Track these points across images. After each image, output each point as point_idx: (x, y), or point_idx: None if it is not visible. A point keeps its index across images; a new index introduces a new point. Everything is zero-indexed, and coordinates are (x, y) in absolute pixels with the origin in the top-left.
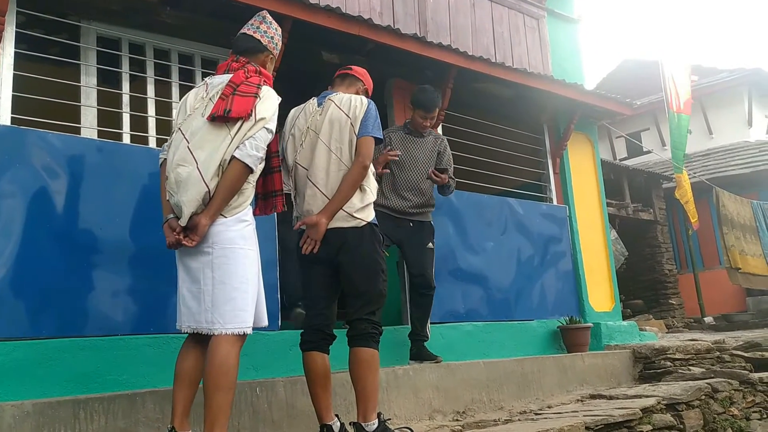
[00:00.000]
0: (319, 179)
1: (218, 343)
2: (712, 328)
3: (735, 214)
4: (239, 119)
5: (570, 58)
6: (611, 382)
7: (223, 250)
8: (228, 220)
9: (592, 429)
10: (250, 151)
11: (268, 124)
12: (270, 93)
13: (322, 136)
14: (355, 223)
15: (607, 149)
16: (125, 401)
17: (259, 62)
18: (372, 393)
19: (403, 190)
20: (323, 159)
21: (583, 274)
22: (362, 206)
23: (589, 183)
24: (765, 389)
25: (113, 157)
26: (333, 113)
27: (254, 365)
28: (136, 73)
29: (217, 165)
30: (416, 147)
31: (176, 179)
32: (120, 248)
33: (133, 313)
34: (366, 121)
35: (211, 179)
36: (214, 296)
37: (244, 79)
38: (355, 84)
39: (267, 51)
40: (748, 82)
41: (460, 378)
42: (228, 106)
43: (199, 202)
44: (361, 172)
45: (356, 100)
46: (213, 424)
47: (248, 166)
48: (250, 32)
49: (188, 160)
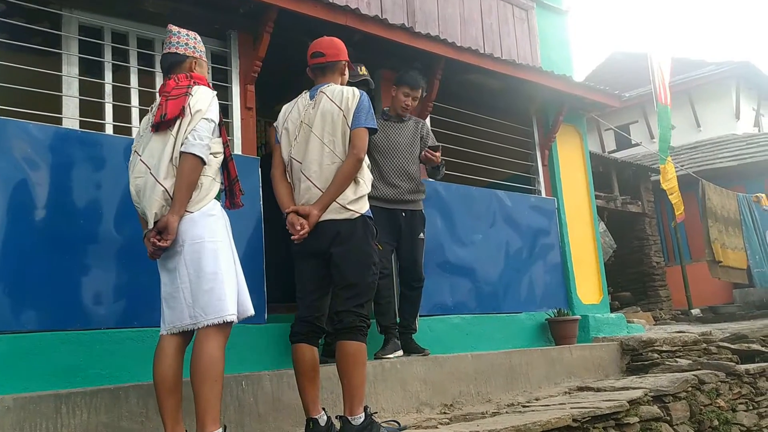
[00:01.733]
0: (313, 172)
1: (204, 335)
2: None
3: (719, 207)
4: (176, 118)
5: (559, 50)
6: (599, 374)
7: (192, 246)
8: (194, 216)
9: (580, 421)
10: (194, 142)
11: (206, 114)
12: (202, 89)
13: (314, 129)
14: (349, 215)
15: (596, 141)
16: (108, 395)
17: (186, 70)
18: (358, 386)
19: (390, 177)
20: (316, 152)
21: (571, 267)
22: (356, 198)
23: (577, 175)
24: (751, 381)
25: (96, 148)
26: (325, 106)
27: (240, 359)
28: (118, 62)
29: (167, 164)
30: (397, 132)
31: (136, 190)
32: (103, 241)
33: (117, 307)
34: (359, 113)
35: (164, 179)
36: (192, 291)
37: (174, 85)
38: (336, 67)
39: (189, 58)
40: (735, 75)
41: (447, 371)
42: (164, 111)
43: (159, 202)
44: (355, 164)
45: (348, 92)
46: (204, 417)
47: (197, 156)
48: (167, 50)
49: (142, 170)
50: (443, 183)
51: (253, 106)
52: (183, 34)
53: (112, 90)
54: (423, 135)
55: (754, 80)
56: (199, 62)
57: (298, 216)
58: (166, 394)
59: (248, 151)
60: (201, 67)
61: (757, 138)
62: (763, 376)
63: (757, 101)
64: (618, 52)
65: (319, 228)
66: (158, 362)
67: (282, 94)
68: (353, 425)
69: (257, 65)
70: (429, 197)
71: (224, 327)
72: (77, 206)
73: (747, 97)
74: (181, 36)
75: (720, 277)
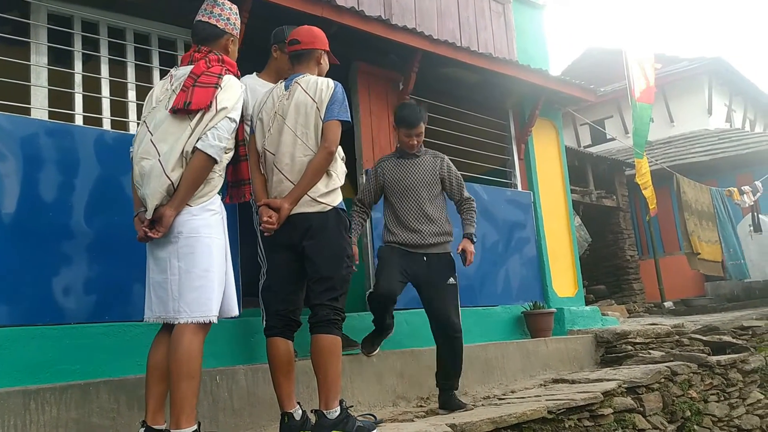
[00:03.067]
0: (285, 165)
1: (182, 331)
2: (672, 313)
3: (694, 201)
4: (200, 110)
5: (535, 44)
6: (574, 367)
7: (187, 239)
8: (194, 209)
9: (554, 413)
10: (213, 142)
11: (230, 114)
12: (232, 82)
13: (288, 121)
14: (320, 208)
15: (572, 136)
16: (78, 391)
17: (221, 47)
18: (334, 380)
19: (409, 221)
20: (289, 144)
21: (547, 260)
22: (327, 191)
23: (553, 169)
24: (722, 372)
25: (65, 139)
26: (299, 97)
27: (214, 353)
28: (89, 52)
29: (178, 157)
30: (410, 170)
31: (140, 172)
32: (73, 234)
33: (87, 301)
34: (332, 105)
35: (172, 171)
36: (180, 285)
37: (205, 69)
38: (311, 56)
39: (226, 34)
40: (708, 71)
41: (424, 364)
42: (188, 98)
43: (162, 194)
44: (326, 157)
45: (322, 83)
46: (179, 413)
47: (211, 157)
48: (205, 18)
49: (151, 153)
50: None
51: None
52: (227, 7)
53: (82, 80)
54: (444, 175)
55: (726, 76)
56: (235, 41)
57: (269, 209)
58: (157, 381)
59: None
60: (234, 46)
61: (729, 133)
62: (734, 368)
63: (729, 97)
64: (593, 48)
65: (290, 221)
66: (153, 349)
67: None
68: (329, 419)
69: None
70: None
71: (205, 326)
72: (47, 198)
73: (719, 92)
74: (224, 8)
75: (699, 269)
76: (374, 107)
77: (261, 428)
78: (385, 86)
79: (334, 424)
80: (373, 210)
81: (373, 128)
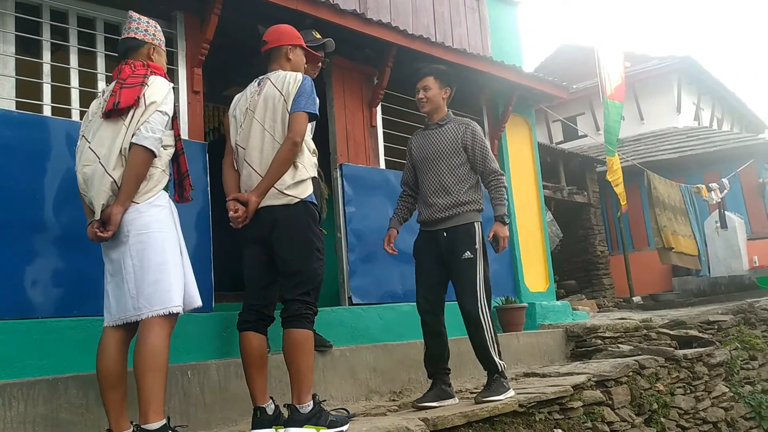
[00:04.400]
0: (254, 158)
1: (147, 326)
2: (641, 308)
3: (666, 197)
4: (129, 108)
5: (509, 41)
6: (545, 361)
7: (138, 236)
8: (140, 206)
9: (525, 406)
10: (146, 134)
11: (161, 107)
12: (158, 80)
13: (257, 115)
14: (287, 200)
15: (544, 133)
16: (46, 387)
17: (144, 56)
18: (306, 374)
19: (427, 195)
20: (258, 138)
21: (519, 255)
22: (294, 183)
23: (526, 165)
24: (689, 366)
25: (33, 130)
26: (268, 91)
27: (186, 348)
28: (58, 41)
29: (117, 155)
30: (433, 141)
31: (84, 179)
32: (41, 227)
33: (55, 295)
34: (299, 97)
35: (113, 169)
36: (137, 282)
37: (131, 72)
38: (279, 53)
39: (147, 44)
40: (678, 70)
41: (397, 358)
42: (117, 99)
43: (107, 193)
44: (291, 148)
45: (291, 77)
46: (147, 408)
47: (148, 149)
48: (125, 35)
49: (91, 158)
50: (394, 171)
51: (201, 89)
52: (143, 21)
53: (51, 70)
54: (467, 143)
55: (695, 75)
56: (158, 50)
57: (237, 203)
58: (110, 388)
59: (195, 136)
60: (159, 55)
61: (697, 131)
62: (700, 361)
63: (698, 96)
64: (566, 45)
65: (258, 214)
66: (101, 355)
67: (231, 79)
68: (301, 413)
69: (205, 48)
70: (379, 185)
71: (169, 318)
72: (13, 190)
73: (688, 91)
74: (141, 22)
75: (673, 263)
76: (348, 102)
77: (233, 423)
78: (359, 81)
79: (307, 418)
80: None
81: (348, 123)
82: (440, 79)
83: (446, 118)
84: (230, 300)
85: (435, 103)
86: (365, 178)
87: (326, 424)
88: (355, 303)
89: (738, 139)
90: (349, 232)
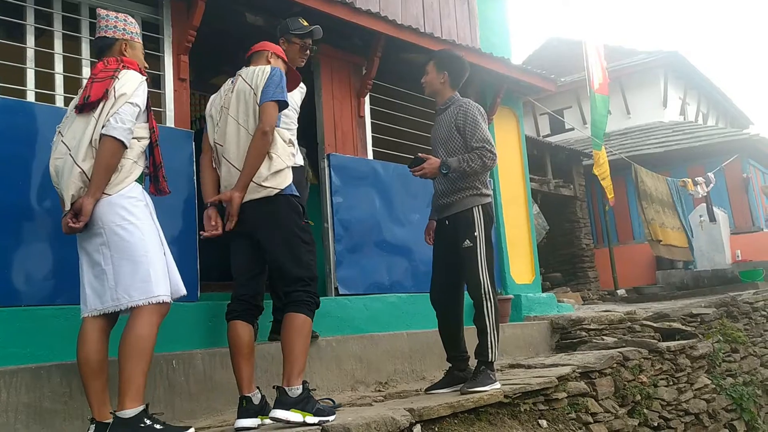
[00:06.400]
0: (231, 154)
1: (135, 314)
2: (625, 300)
3: (653, 190)
4: (99, 101)
5: (498, 33)
6: (530, 352)
7: (113, 229)
8: (112, 198)
9: (511, 397)
10: (115, 125)
11: (131, 99)
12: (129, 73)
13: (230, 111)
14: (266, 193)
15: (532, 125)
16: (29, 375)
17: (117, 53)
18: (298, 357)
19: (434, 182)
20: (233, 134)
21: (505, 247)
22: (270, 174)
23: (513, 158)
24: (672, 358)
25: (16, 116)
26: (239, 86)
27: (171, 337)
28: (42, 26)
29: (87, 146)
30: (437, 126)
31: (55, 171)
32: (24, 215)
33: (38, 284)
34: (267, 88)
35: (82, 161)
36: (116, 273)
37: (102, 68)
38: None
39: (118, 40)
40: (664, 64)
41: (383, 349)
42: (87, 92)
43: (77, 184)
44: (261, 138)
45: (260, 70)
46: (125, 394)
47: (117, 140)
48: (97, 35)
49: (63, 151)
50: (381, 162)
51: (187, 77)
52: (111, 17)
53: (35, 55)
54: (459, 123)
55: (681, 70)
56: (131, 44)
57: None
58: (91, 377)
59: (181, 124)
60: (133, 48)
61: (683, 126)
62: (683, 353)
63: (684, 90)
64: (554, 39)
65: (241, 210)
66: (81, 345)
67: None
68: (290, 397)
69: (191, 35)
70: (366, 176)
71: (158, 307)
72: None
73: (674, 86)
74: (109, 19)
75: (663, 255)
76: (336, 92)
77: (218, 413)
78: (347, 71)
79: (294, 402)
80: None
81: (335, 113)
82: (437, 64)
83: (448, 101)
84: (216, 289)
85: (432, 86)
86: (353, 168)
87: (313, 411)
88: (342, 293)
89: (723, 135)
90: (336, 222)
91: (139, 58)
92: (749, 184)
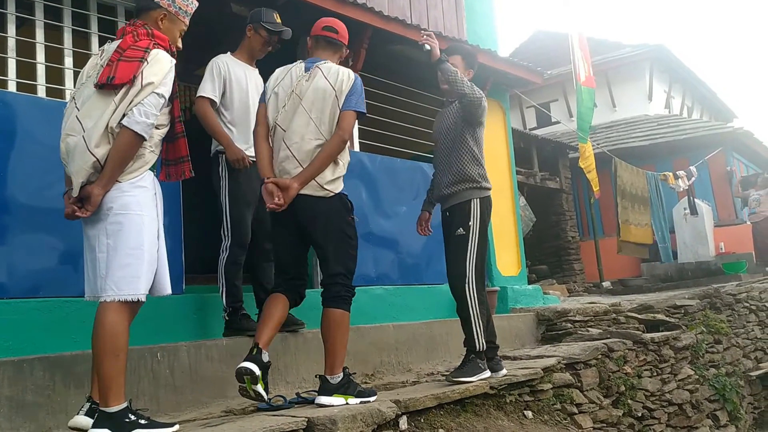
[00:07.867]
0: (294, 144)
1: (105, 309)
2: (610, 292)
3: (629, 185)
4: (123, 85)
5: (484, 25)
6: (516, 344)
7: (116, 216)
8: (123, 185)
9: (496, 389)
10: (138, 118)
11: (158, 89)
12: (161, 56)
13: (304, 102)
14: (324, 194)
15: (518, 118)
16: (11, 368)
17: (152, 21)
18: (339, 350)
19: (437, 173)
20: (302, 125)
21: (492, 240)
22: (333, 178)
23: (500, 150)
24: (656, 349)
25: None
26: (319, 82)
27: (156, 329)
28: (23, 15)
29: (101, 133)
30: (443, 119)
31: (66, 149)
32: (6, 207)
33: (21, 276)
34: (351, 96)
35: (96, 147)
36: (108, 263)
37: (132, 43)
38: (339, 49)
39: (160, 8)
40: (650, 58)
41: (369, 341)
42: (112, 72)
43: (87, 171)
44: (339, 144)
45: (344, 73)
46: (107, 391)
47: (138, 134)
48: None
49: (76, 129)
50: (368, 154)
51: None
52: None
53: (16, 45)
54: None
55: (667, 63)
56: (171, 17)
57: (277, 188)
58: None
59: None
60: (172, 23)
61: (667, 119)
62: (667, 344)
63: (669, 84)
64: (540, 31)
65: (295, 201)
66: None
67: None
68: (332, 383)
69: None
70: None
71: (131, 305)
72: None
73: (660, 79)
74: None
75: (624, 253)
76: None
77: (203, 405)
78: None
79: (336, 387)
80: None
81: None
82: (466, 60)
83: None
84: (201, 282)
85: None
86: None
87: (354, 393)
88: None
89: (707, 128)
90: None
91: (173, 35)
92: (733, 177)
